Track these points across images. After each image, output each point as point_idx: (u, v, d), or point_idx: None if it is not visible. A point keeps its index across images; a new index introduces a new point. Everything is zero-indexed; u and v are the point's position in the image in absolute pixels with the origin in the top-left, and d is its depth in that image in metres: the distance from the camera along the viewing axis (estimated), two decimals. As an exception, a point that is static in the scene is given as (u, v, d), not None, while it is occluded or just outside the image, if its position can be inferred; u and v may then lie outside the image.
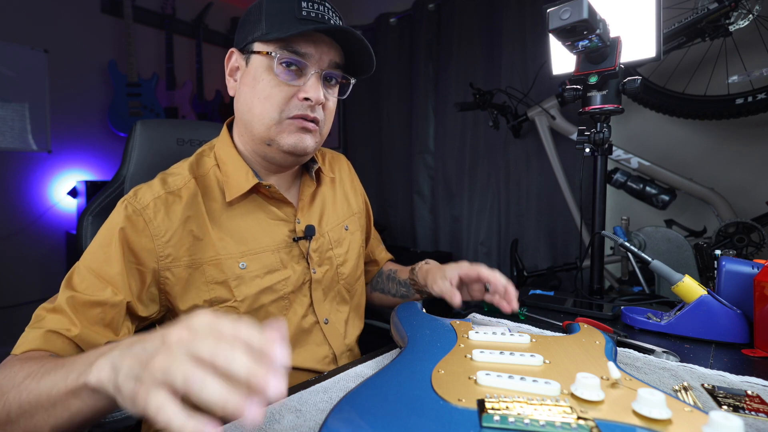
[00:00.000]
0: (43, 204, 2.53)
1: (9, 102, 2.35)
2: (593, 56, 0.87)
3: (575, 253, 1.97)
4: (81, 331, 0.56)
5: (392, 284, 0.92)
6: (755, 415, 0.46)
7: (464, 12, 2.31)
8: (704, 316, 0.70)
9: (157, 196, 0.65)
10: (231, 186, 0.70)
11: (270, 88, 0.66)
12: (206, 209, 0.68)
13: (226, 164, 0.72)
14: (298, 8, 0.64)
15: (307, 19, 0.64)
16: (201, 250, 0.66)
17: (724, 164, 1.68)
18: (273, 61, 0.65)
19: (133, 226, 0.63)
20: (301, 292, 0.74)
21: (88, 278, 0.59)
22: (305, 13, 0.65)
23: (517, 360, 0.48)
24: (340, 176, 0.89)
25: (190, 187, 0.68)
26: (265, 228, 0.71)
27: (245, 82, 0.69)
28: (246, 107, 0.69)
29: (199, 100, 3.05)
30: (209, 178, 0.71)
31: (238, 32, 0.71)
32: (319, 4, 0.66)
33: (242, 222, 0.70)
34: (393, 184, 2.76)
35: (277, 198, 0.73)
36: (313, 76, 0.67)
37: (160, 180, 0.69)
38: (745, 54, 1.53)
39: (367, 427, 0.35)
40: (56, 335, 0.55)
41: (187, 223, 0.66)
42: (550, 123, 1.86)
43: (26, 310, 0.59)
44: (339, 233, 0.82)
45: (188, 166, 0.71)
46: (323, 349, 0.75)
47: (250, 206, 0.71)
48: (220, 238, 0.67)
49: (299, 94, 0.66)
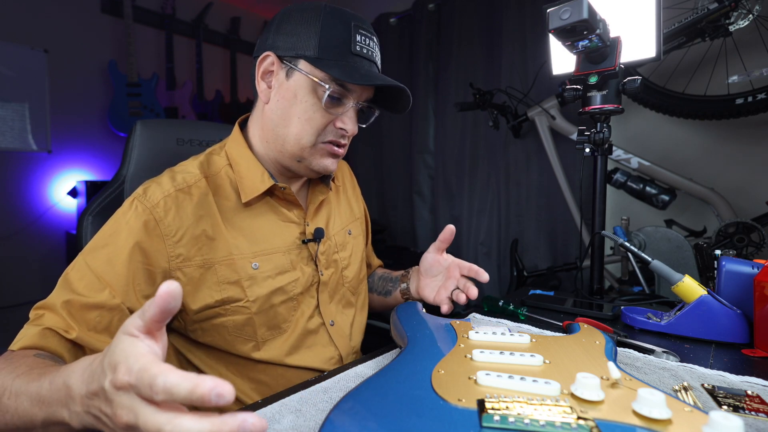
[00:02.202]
0: (43, 204, 2.53)
1: (9, 102, 2.35)
2: (593, 56, 0.87)
3: (575, 253, 1.97)
4: (79, 335, 0.55)
5: (382, 282, 0.94)
6: (755, 415, 0.46)
7: (464, 12, 2.31)
8: (704, 316, 0.70)
9: (168, 194, 0.64)
10: (246, 186, 0.70)
11: (312, 111, 0.67)
12: (219, 208, 0.68)
13: (239, 164, 0.71)
14: (354, 42, 0.66)
15: (359, 55, 0.67)
16: (214, 250, 0.66)
17: (724, 164, 1.68)
18: (321, 89, 0.66)
19: (143, 226, 0.61)
20: (308, 293, 0.74)
21: (87, 276, 0.59)
22: (359, 48, 0.66)
23: (517, 360, 0.48)
24: (343, 183, 0.91)
25: (200, 186, 0.68)
26: (276, 229, 0.72)
27: (284, 96, 0.68)
28: (282, 121, 0.69)
29: (199, 100, 3.05)
30: (221, 177, 0.71)
31: (277, 35, 0.68)
32: (369, 38, 0.68)
33: (255, 222, 0.70)
34: (393, 184, 2.76)
35: (289, 200, 0.74)
36: (351, 109, 0.69)
37: (169, 177, 0.68)
38: (745, 54, 1.53)
39: (367, 427, 0.35)
40: (53, 333, 0.55)
41: (200, 223, 0.65)
42: (550, 123, 1.86)
43: (26, 310, 0.59)
44: (343, 237, 0.83)
45: (198, 165, 0.71)
46: (329, 350, 0.75)
47: (263, 207, 0.72)
48: (233, 237, 0.67)
49: (337, 122, 0.69)
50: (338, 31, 0.65)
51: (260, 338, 0.69)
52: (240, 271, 0.67)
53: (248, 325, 0.68)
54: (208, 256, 0.65)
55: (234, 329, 0.67)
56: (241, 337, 0.68)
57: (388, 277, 0.94)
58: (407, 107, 0.72)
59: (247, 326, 0.67)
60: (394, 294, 0.91)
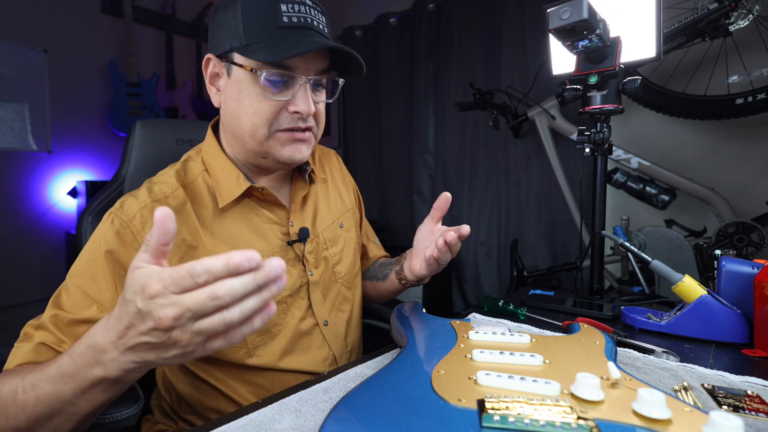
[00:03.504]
0: (43, 204, 2.53)
1: (9, 102, 2.35)
2: (593, 56, 0.87)
3: (575, 253, 1.97)
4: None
5: (382, 268, 0.90)
6: (755, 415, 0.46)
7: (464, 12, 2.31)
8: (704, 316, 0.70)
9: (144, 206, 0.63)
10: (222, 191, 0.68)
11: (258, 102, 0.63)
12: (197, 216, 0.66)
13: (215, 169, 0.70)
14: (279, 13, 0.60)
15: (290, 26, 0.61)
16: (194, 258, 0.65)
17: (724, 164, 1.68)
18: (258, 77, 0.62)
19: (120, 240, 0.61)
20: (298, 295, 0.73)
21: (75, 295, 0.58)
22: (286, 19, 0.61)
23: (517, 360, 0.48)
24: (331, 173, 0.87)
25: (178, 196, 0.66)
26: (259, 232, 0.70)
27: (229, 95, 0.66)
28: (234, 121, 0.66)
29: (199, 100, 3.05)
30: (198, 184, 0.69)
31: (211, 33, 0.66)
32: (300, 5, 0.62)
33: (235, 227, 0.68)
34: (393, 184, 2.75)
35: (269, 201, 0.71)
36: (301, 88, 0.64)
37: (146, 189, 0.66)
38: (745, 54, 1.53)
39: (367, 427, 0.35)
40: (47, 348, 0.54)
41: (179, 233, 0.63)
42: (550, 123, 1.86)
43: (26, 310, 0.59)
44: (334, 232, 0.81)
45: (174, 174, 0.69)
46: (323, 352, 0.74)
47: (243, 210, 0.70)
48: (213, 245, 0.66)
49: (289, 107, 0.64)
50: (260, 9, 0.60)
51: (251, 344, 0.67)
52: None
53: None
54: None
55: None
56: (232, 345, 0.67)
57: (386, 262, 0.91)
58: (360, 66, 0.66)
59: None
60: (390, 277, 0.86)
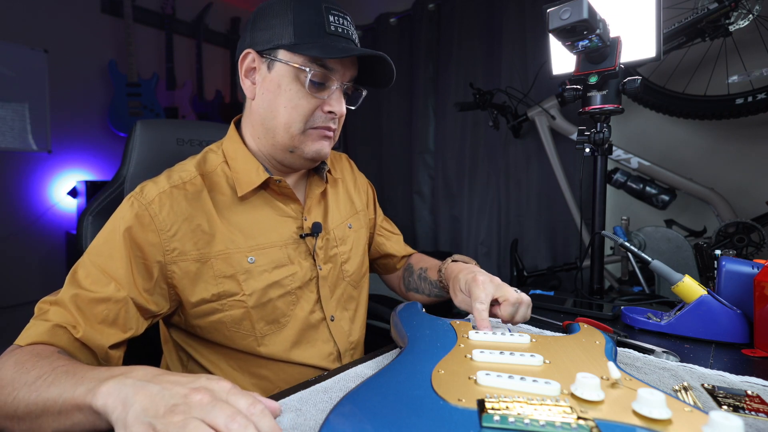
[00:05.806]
0: (43, 204, 2.52)
1: (9, 102, 2.35)
2: (593, 56, 0.87)
3: (575, 253, 1.97)
4: (85, 332, 0.56)
5: (425, 284, 0.91)
6: (755, 415, 0.46)
7: (464, 12, 2.30)
8: (704, 316, 0.70)
9: (162, 191, 0.66)
10: (241, 181, 0.71)
11: (297, 98, 0.68)
12: (214, 204, 0.69)
13: (235, 160, 0.73)
14: (327, 22, 0.67)
15: (335, 35, 0.67)
16: (210, 244, 0.67)
17: (724, 164, 1.68)
18: (303, 74, 0.67)
19: (139, 222, 0.63)
20: (308, 288, 0.75)
21: (94, 272, 0.60)
22: (333, 27, 0.67)
23: (517, 360, 0.48)
24: (342, 176, 0.90)
25: (196, 183, 0.69)
26: (273, 223, 0.73)
27: (268, 89, 0.69)
28: (269, 114, 0.70)
29: (199, 100, 3.05)
30: (217, 174, 0.72)
31: (254, 32, 0.70)
32: (342, 17, 0.69)
33: (251, 216, 0.71)
34: (393, 184, 2.75)
35: (285, 194, 0.74)
36: (336, 90, 0.70)
37: (165, 176, 0.70)
38: (745, 54, 1.53)
39: (367, 427, 0.35)
40: (63, 330, 0.55)
41: (194, 218, 0.66)
42: (550, 123, 1.86)
43: (26, 310, 0.59)
44: (343, 231, 0.83)
45: (195, 163, 0.72)
46: (328, 346, 0.76)
47: (259, 201, 0.73)
48: (229, 231, 0.69)
49: (324, 106, 0.69)
50: (310, 15, 0.66)
51: (258, 333, 0.69)
52: (236, 265, 0.68)
53: (245, 320, 0.68)
54: (205, 250, 0.67)
55: (232, 325, 0.68)
56: (240, 332, 0.69)
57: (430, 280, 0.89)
58: (392, 78, 0.72)
59: (244, 321, 0.68)
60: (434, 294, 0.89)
